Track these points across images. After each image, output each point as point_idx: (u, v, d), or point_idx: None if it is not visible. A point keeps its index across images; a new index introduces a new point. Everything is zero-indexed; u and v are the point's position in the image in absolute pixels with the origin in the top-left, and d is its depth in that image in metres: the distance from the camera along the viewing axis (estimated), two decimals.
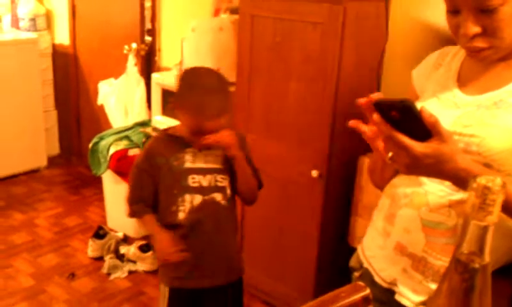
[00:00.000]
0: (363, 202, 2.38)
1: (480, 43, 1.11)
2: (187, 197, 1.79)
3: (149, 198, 1.83)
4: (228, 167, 1.83)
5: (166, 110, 3.16)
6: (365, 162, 2.34)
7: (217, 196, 1.82)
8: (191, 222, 1.80)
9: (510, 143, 1.08)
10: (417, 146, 0.99)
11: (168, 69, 3.39)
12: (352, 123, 1.09)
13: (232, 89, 2.58)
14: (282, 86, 2.49)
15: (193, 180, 1.79)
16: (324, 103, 2.34)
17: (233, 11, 2.91)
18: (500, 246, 1.08)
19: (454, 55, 1.28)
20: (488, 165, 1.08)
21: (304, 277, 2.59)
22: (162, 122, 3.15)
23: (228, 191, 1.84)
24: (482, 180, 0.57)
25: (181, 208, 1.80)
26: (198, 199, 1.80)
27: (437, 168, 1.01)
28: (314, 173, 2.42)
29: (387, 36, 2.41)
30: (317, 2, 2.25)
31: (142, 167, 1.84)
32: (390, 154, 1.06)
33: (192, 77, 1.78)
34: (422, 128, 1.00)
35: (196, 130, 1.73)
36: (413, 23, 2.38)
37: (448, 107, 1.20)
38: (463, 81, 1.23)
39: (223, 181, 1.83)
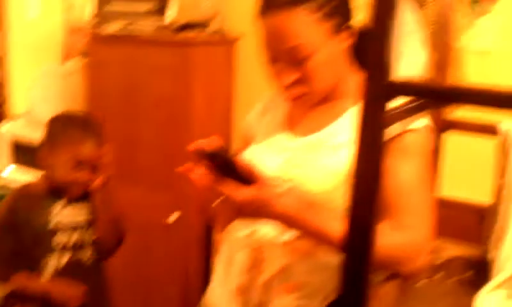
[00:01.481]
0: (217, 243, 2.39)
1: (298, 90, 1.18)
2: (53, 257, 1.68)
3: (12, 259, 1.69)
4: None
5: (19, 160, 2.99)
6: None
7: (87, 253, 1.73)
8: None
9: (331, 184, 1.14)
10: (240, 193, 1.03)
11: (17, 117, 3.20)
12: (180, 169, 1.11)
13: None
14: (136, 130, 2.45)
15: (60, 238, 1.69)
16: (178, 147, 2.34)
17: (84, 55, 2.84)
18: (323, 281, 1.13)
19: (282, 99, 1.34)
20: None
21: None
22: (13, 173, 2.97)
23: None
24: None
25: (46, 269, 1.67)
26: (64, 259, 1.69)
27: (259, 212, 1.06)
28: (172, 217, 2.39)
29: (235, 80, 2.48)
30: (165, 46, 2.27)
31: (2, 224, 1.70)
32: (220, 200, 1.09)
33: (63, 118, 1.77)
34: (245, 174, 1.04)
35: (77, 163, 1.66)
36: (260, 67, 2.47)
37: (277, 151, 1.25)
38: (290, 124, 1.29)
39: (92, 235, 1.74)
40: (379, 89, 0.81)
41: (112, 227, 1.80)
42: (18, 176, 2.89)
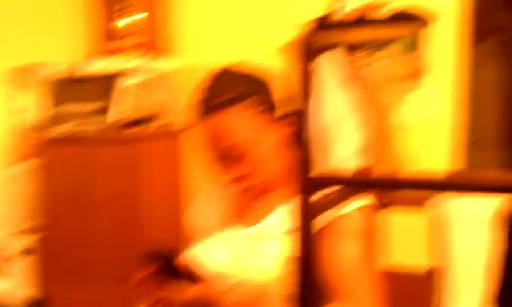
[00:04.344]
0: None
1: (243, 184, 1.21)
2: None
3: None
4: None
5: None
6: None
7: None
8: None
9: (277, 272, 1.14)
10: (186, 292, 1.03)
11: None
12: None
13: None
14: (89, 229, 2.43)
15: None
16: (132, 241, 2.32)
17: (31, 158, 2.82)
18: None
19: (225, 192, 1.35)
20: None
21: None
22: None
23: None
24: None
25: None
26: None
27: None
28: None
29: (183, 171, 2.51)
30: (111, 144, 2.30)
31: None
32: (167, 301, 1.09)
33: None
34: (189, 273, 1.05)
35: None
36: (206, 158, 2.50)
37: (222, 245, 1.25)
38: (235, 217, 1.30)
39: None
40: (304, 182, 0.84)
41: None
42: None
